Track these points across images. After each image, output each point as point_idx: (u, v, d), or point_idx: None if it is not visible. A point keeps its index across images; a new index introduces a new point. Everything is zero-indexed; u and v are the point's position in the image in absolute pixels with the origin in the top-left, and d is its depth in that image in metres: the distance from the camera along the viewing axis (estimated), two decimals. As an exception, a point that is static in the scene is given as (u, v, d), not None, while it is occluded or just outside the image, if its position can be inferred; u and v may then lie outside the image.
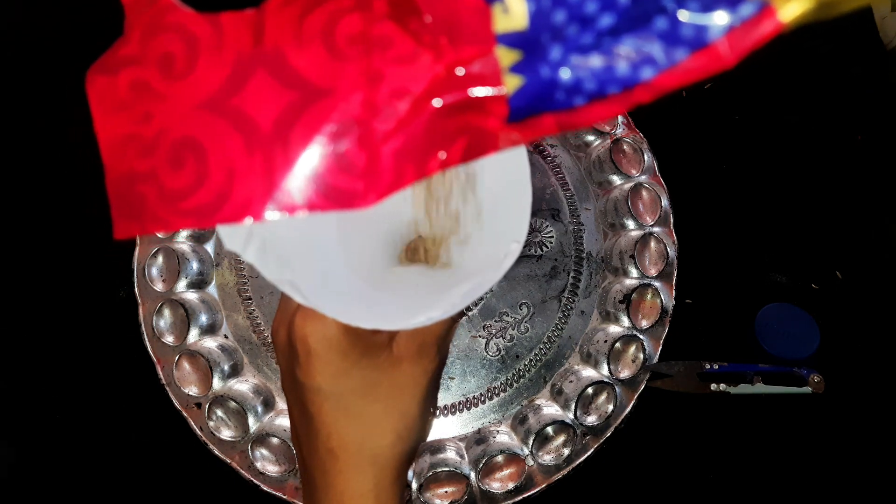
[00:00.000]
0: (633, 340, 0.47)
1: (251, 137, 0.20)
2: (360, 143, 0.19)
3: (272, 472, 0.44)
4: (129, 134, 0.21)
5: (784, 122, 0.55)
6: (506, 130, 0.20)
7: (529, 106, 0.19)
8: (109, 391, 0.48)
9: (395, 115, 0.19)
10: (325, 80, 0.20)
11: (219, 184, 0.20)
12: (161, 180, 0.20)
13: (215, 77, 0.20)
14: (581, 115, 0.19)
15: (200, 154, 0.20)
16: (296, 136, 0.20)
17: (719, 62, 0.16)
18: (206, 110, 0.20)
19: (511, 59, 0.18)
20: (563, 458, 0.45)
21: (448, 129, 0.20)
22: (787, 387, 0.47)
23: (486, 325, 0.48)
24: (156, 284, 0.47)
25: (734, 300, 0.51)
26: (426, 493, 0.44)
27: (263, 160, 0.20)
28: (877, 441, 0.48)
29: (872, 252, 0.52)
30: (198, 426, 0.45)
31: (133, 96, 0.21)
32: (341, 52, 0.20)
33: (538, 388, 0.47)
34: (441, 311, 0.25)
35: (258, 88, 0.20)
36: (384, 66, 0.19)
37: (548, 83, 0.18)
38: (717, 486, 0.47)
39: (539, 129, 0.19)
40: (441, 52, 0.19)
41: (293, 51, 0.20)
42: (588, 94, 0.18)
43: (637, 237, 0.48)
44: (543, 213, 0.51)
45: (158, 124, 0.20)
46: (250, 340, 0.48)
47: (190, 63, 0.20)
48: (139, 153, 0.20)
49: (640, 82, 0.17)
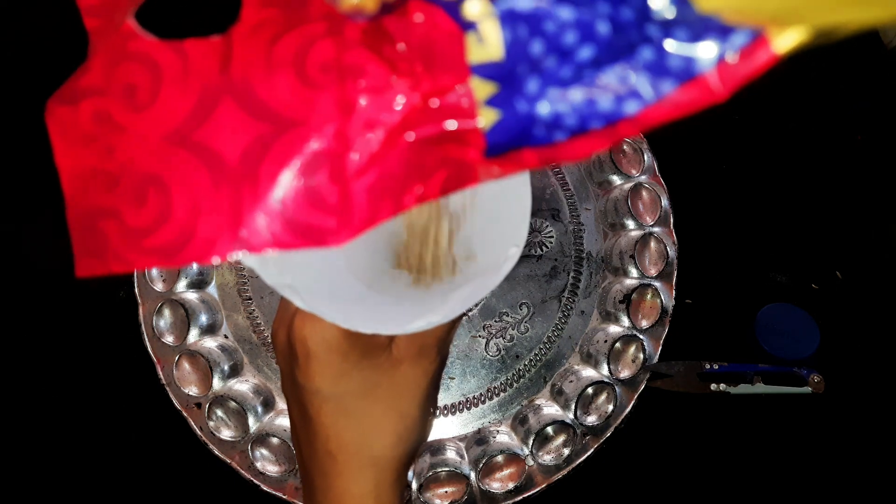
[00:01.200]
0: (633, 340, 0.47)
1: (217, 172, 0.19)
2: (332, 177, 0.18)
3: (272, 472, 0.44)
4: (92, 168, 0.20)
5: (784, 122, 0.55)
6: (485, 164, 0.18)
7: (508, 141, 0.18)
8: (109, 391, 0.48)
9: (369, 148, 0.18)
10: (296, 111, 0.19)
11: (182, 221, 0.19)
12: (123, 217, 0.19)
13: (180, 108, 0.19)
14: (563, 150, 0.17)
15: (163, 190, 0.19)
16: (264, 170, 0.18)
17: (710, 96, 0.15)
18: (169, 143, 0.19)
19: (486, 92, 0.17)
20: (563, 458, 0.45)
21: (425, 162, 0.19)
22: (787, 387, 0.47)
23: (486, 325, 0.48)
24: (156, 284, 0.47)
25: (734, 300, 0.51)
26: (426, 493, 0.44)
27: (230, 196, 0.18)
28: (877, 441, 0.48)
29: (872, 252, 0.52)
30: (198, 426, 0.45)
31: (95, 129, 0.20)
32: (313, 81, 0.19)
33: (538, 388, 0.47)
34: (441, 315, 0.24)
35: (224, 120, 0.19)
36: (356, 95, 0.18)
37: (525, 118, 0.17)
38: (717, 486, 0.47)
39: (520, 163, 0.18)
40: (417, 80, 0.18)
41: (262, 80, 0.19)
42: (569, 130, 0.17)
43: (637, 237, 0.48)
44: (543, 213, 0.51)
45: (121, 158, 0.19)
46: (250, 340, 0.48)
47: (153, 93, 0.19)
48: (102, 188, 0.20)
49: (624, 117, 0.16)
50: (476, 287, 0.25)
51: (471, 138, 0.18)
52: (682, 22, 0.15)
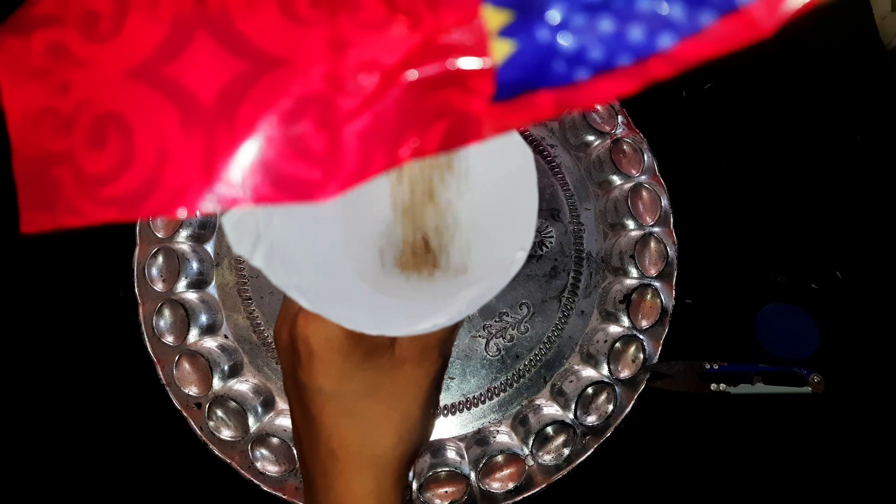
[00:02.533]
0: (633, 340, 0.47)
1: (189, 113, 0.16)
2: (319, 123, 0.16)
3: (272, 472, 0.44)
4: (43, 108, 0.17)
5: (784, 122, 0.55)
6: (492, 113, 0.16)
7: (522, 79, 0.16)
8: (109, 391, 0.48)
9: (362, 91, 0.16)
10: (280, 49, 0.16)
11: (147, 167, 0.16)
12: (79, 163, 0.17)
13: (148, 39, 0.17)
14: (584, 91, 0.15)
15: (126, 131, 0.17)
16: (243, 112, 0.16)
17: (754, 30, 0.14)
18: (134, 79, 0.17)
19: (500, 21, 0.15)
20: (563, 458, 0.45)
21: (424, 109, 0.16)
22: (787, 387, 0.47)
23: (486, 325, 0.48)
24: (156, 284, 0.47)
25: (734, 300, 0.51)
26: (426, 493, 0.44)
27: (202, 140, 0.16)
28: (877, 441, 0.48)
29: (872, 252, 0.52)
30: (198, 426, 0.45)
31: (49, 62, 0.17)
32: (300, 16, 0.17)
33: (538, 388, 0.47)
34: (446, 317, 0.24)
35: (199, 55, 0.17)
36: (351, 31, 0.16)
37: (545, 49, 0.15)
38: (717, 486, 0.47)
39: (533, 110, 0.16)
40: (418, 18, 0.16)
41: (243, 12, 0.17)
42: (593, 66, 0.15)
43: (637, 237, 0.48)
44: (543, 213, 0.50)
45: (78, 96, 0.17)
46: (250, 340, 0.48)
47: (117, 22, 0.17)
48: (54, 130, 0.17)
49: (656, 51, 0.14)
50: (482, 290, 0.25)
51: (477, 82, 0.16)
52: None
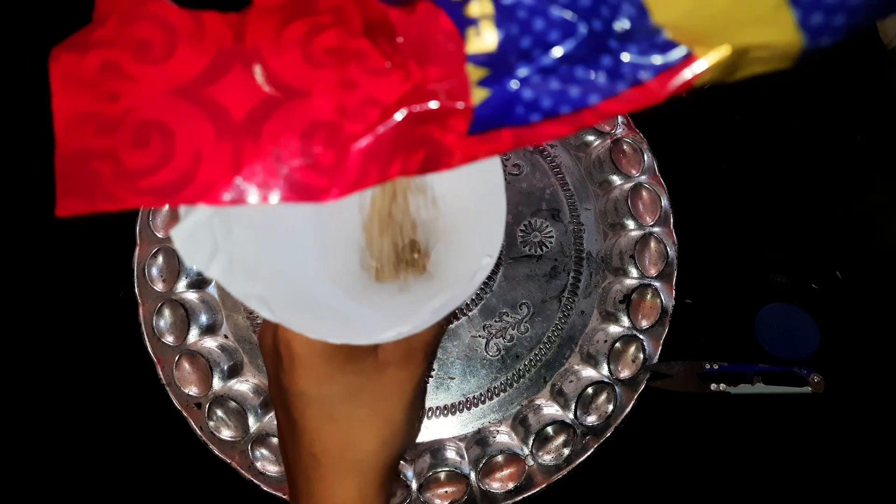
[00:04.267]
0: (633, 340, 0.47)
1: (222, 126, 0.20)
2: (328, 142, 0.20)
3: (272, 472, 0.44)
4: (89, 112, 0.20)
5: (784, 122, 0.55)
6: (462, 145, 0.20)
7: (492, 117, 0.20)
8: (109, 391, 0.48)
9: (364, 120, 0.20)
10: (301, 83, 0.20)
11: (184, 165, 0.20)
12: (121, 159, 0.20)
13: (193, 65, 0.21)
14: (535, 131, 0.20)
15: (168, 136, 0.20)
16: (267, 129, 0.20)
17: (651, 97, 0.19)
18: (178, 96, 0.20)
19: (479, 75, 0.20)
20: (563, 458, 0.45)
21: (411, 138, 0.20)
22: (787, 387, 0.47)
23: (486, 325, 0.48)
24: (156, 284, 0.47)
25: (734, 300, 0.51)
26: (426, 493, 0.44)
27: (232, 149, 0.20)
28: (877, 441, 0.48)
29: (872, 252, 0.52)
30: (198, 426, 0.45)
31: (100, 76, 0.21)
32: (317, 60, 0.21)
33: (538, 388, 0.47)
34: (411, 326, 0.25)
35: (235, 81, 0.20)
36: (358, 75, 0.20)
37: (511, 97, 0.20)
38: (718, 486, 0.47)
39: (496, 144, 0.20)
40: (410, 72, 0.20)
41: (272, 54, 0.21)
42: (543, 112, 0.20)
43: (637, 237, 0.48)
44: (543, 213, 0.51)
45: (126, 105, 0.20)
46: (250, 340, 0.48)
47: (168, 50, 0.21)
48: (98, 131, 0.20)
49: (587, 106, 0.20)
50: (448, 298, 0.25)
51: (455, 121, 0.20)
52: (636, 37, 0.19)
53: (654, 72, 0.19)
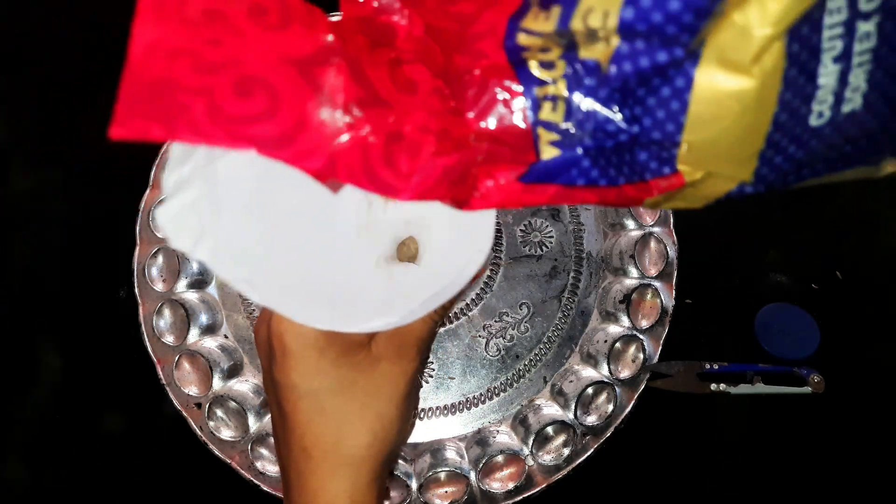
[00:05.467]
0: (633, 340, 0.47)
1: (325, 105, 0.22)
2: (409, 153, 0.23)
3: (272, 472, 0.44)
4: (185, 48, 0.21)
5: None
6: (511, 189, 0.23)
7: (547, 172, 0.23)
8: (110, 391, 0.48)
9: (444, 146, 0.23)
10: (387, 94, 0.23)
11: (287, 126, 0.21)
12: (217, 101, 0.21)
13: (305, 45, 0.22)
14: (574, 194, 0.24)
15: (274, 96, 0.21)
16: (358, 122, 0.22)
17: (647, 193, 0.24)
18: (291, 66, 0.21)
19: (550, 138, 0.23)
20: (563, 458, 0.45)
21: (471, 172, 0.23)
22: (787, 387, 0.47)
23: (486, 325, 0.48)
24: (156, 284, 0.47)
25: (734, 300, 0.51)
26: (426, 493, 0.44)
27: (330, 128, 0.22)
28: (877, 441, 0.48)
29: (872, 252, 0.52)
30: (198, 426, 0.45)
31: (203, 19, 0.21)
32: (401, 85, 0.23)
33: (538, 388, 0.47)
34: (399, 316, 0.25)
35: (336, 73, 0.22)
36: (436, 105, 0.23)
37: (573, 160, 0.23)
38: (718, 486, 0.47)
39: (539, 196, 0.24)
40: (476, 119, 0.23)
41: (367, 62, 0.23)
42: (589, 180, 0.23)
43: (637, 237, 0.48)
44: (543, 213, 0.51)
45: (229, 54, 0.21)
46: (250, 340, 0.48)
47: (283, 23, 0.22)
48: (195, 69, 0.21)
49: (616, 185, 0.24)
50: (438, 290, 0.25)
51: (508, 170, 0.23)
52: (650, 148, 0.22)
53: (653, 174, 0.23)
